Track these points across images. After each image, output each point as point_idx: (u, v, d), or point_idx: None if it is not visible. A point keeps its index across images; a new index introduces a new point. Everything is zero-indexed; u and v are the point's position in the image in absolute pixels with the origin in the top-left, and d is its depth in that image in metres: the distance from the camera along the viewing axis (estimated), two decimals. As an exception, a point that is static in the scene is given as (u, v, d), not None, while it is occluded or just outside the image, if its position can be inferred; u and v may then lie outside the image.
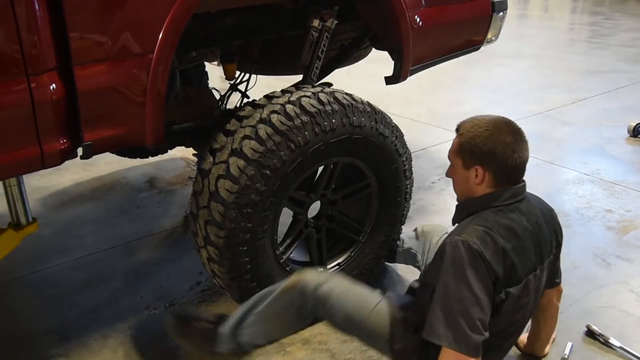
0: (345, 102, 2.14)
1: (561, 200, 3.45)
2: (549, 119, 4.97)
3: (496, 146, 1.65)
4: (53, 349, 2.29)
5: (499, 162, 1.66)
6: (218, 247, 2.01)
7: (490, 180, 1.69)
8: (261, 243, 2.08)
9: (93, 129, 1.80)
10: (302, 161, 2.04)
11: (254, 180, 1.95)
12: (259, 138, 1.97)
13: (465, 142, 1.71)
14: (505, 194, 1.68)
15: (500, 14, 3.03)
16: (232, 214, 1.96)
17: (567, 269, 2.73)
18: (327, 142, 2.08)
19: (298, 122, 2.00)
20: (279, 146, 1.97)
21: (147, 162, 4.05)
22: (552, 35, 9.54)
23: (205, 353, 2.06)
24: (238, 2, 2.30)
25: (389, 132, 2.29)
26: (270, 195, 2.00)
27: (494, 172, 1.68)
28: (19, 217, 2.21)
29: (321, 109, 2.06)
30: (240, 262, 2.05)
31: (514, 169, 1.67)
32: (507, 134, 1.66)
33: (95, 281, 2.73)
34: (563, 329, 2.32)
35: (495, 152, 1.65)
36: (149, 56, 1.81)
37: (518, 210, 1.68)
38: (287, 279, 1.97)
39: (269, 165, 1.96)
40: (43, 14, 1.61)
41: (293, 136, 1.99)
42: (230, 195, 1.95)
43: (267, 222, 2.06)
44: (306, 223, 2.33)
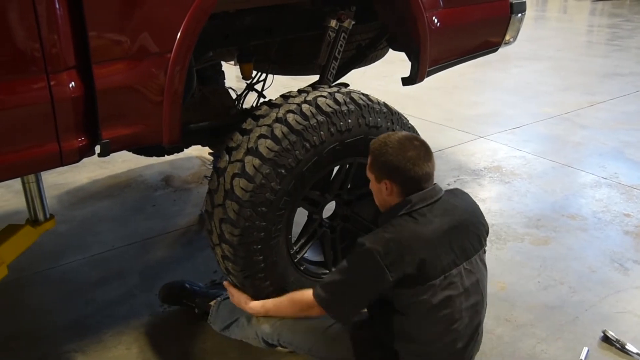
0: (362, 103, 2.14)
1: (578, 204, 3.42)
2: (566, 122, 4.93)
3: (399, 161, 1.81)
4: (68, 344, 2.31)
5: (403, 175, 1.82)
6: (232, 245, 2.01)
7: (398, 191, 1.85)
8: (275, 242, 2.07)
9: (111, 127, 1.81)
10: (317, 161, 2.04)
11: (269, 179, 1.95)
12: (275, 137, 1.97)
13: (375, 160, 1.89)
14: (413, 199, 1.82)
15: (519, 15, 3.00)
16: (246, 212, 1.96)
17: (584, 273, 2.72)
18: (342, 142, 2.08)
19: (314, 122, 2.01)
20: (295, 145, 1.97)
21: (163, 160, 4.08)
22: (571, 37, 9.45)
23: None
24: (256, 2, 2.30)
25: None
26: (285, 194, 2.00)
27: (400, 184, 1.84)
28: (37, 214, 2.23)
29: (337, 109, 2.06)
30: (254, 260, 2.05)
31: (418, 180, 1.83)
32: (409, 150, 1.82)
33: (111, 278, 2.75)
34: (579, 334, 2.31)
35: (398, 167, 1.82)
36: (167, 55, 1.81)
37: (429, 213, 1.81)
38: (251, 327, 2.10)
39: (284, 165, 1.96)
40: (63, 12, 1.63)
41: (308, 135, 1.99)
42: (245, 194, 1.95)
43: (281, 222, 2.06)
44: (321, 223, 2.33)
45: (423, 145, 1.86)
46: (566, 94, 5.80)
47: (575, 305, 2.50)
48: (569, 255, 2.88)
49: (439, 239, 1.77)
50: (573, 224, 3.18)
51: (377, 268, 1.71)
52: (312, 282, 2.22)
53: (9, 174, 1.76)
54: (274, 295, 2.10)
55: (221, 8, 2.09)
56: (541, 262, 2.81)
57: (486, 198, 3.50)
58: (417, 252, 1.72)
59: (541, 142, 4.46)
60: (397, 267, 1.70)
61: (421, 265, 1.72)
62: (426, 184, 1.85)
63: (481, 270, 1.90)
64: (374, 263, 1.71)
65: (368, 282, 1.76)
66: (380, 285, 1.73)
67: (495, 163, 4.03)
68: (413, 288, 1.73)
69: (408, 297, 1.75)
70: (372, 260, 1.71)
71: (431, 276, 1.74)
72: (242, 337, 2.16)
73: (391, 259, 1.70)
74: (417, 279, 1.72)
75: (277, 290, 2.14)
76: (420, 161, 1.82)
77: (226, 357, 2.22)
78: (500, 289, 2.60)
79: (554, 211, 3.33)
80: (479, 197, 3.49)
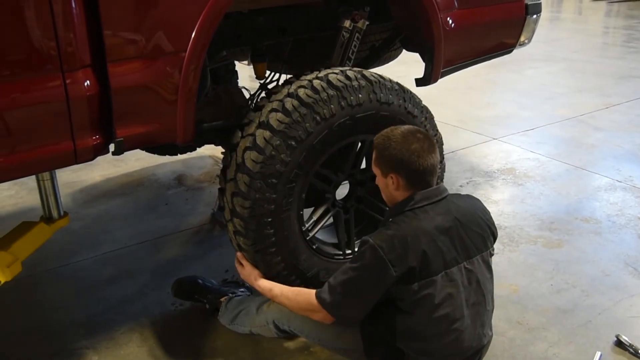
0: (373, 79, 2.17)
1: (592, 207, 3.39)
2: (580, 124, 4.89)
3: (403, 154, 1.83)
4: (80, 341, 2.32)
5: (407, 167, 1.84)
6: (243, 218, 2.03)
7: (404, 185, 1.86)
8: (286, 216, 2.08)
9: (125, 126, 1.82)
10: (328, 134, 2.06)
11: (280, 151, 1.99)
12: (285, 110, 2.01)
13: (380, 154, 1.90)
14: (417, 197, 1.85)
15: (534, 16, 2.98)
16: (257, 184, 1.99)
17: (597, 276, 2.69)
18: (353, 117, 2.10)
19: (324, 95, 2.04)
20: (305, 118, 2.01)
21: (175, 159, 4.09)
22: (586, 38, 9.38)
23: None
24: (270, 2, 2.31)
25: (419, 112, 2.32)
26: (295, 166, 2.03)
27: (405, 177, 1.85)
28: (51, 211, 2.25)
29: (348, 83, 2.10)
30: (265, 234, 2.06)
31: (422, 172, 1.84)
32: (412, 142, 1.84)
33: (123, 276, 2.76)
34: (592, 338, 2.29)
35: (402, 159, 1.83)
36: (182, 54, 1.82)
37: (432, 210, 1.83)
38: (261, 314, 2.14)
39: (294, 136, 2.00)
40: (79, 11, 1.64)
41: (319, 108, 2.03)
42: (255, 165, 1.98)
43: (292, 195, 2.07)
44: (334, 202, 2.33)
45: (426, 137, 1.88)
46: (581, 95, 5.76)
47: (588, 309, 2.48)
48: (582, 259, 2.86)
49: (441, 235, 1.79)
50: (587, 227, 3.16)
51: (382, 264, 1.72)
52: (324, 261, 2.26)
53: (24, 172, 1.78)
54: (285, 273, 2.15)
55: (235, 8, 2.09)
56: (554, 265, 2.79)
57: (499, 200, 3.48)
58: (419, 245, 1.74)
59: (555, 144, 4.43)
60: (400, 261, 1.72)
61: (423, 258, 1.74)
62: (430, 176, 1.86)
63: (483, 271, 1.90)
64: (378, 259, 1.73)
65: (373, 279, 1.77)
66: (385, 281, 1.74)
67: (508, 165, 4.00)
68: (416, 283, 1.75)
69: (411, 294, 1.76)
70: (376, 256, 1.73)
71: (433, 271, 1.76)
72: (250, 326, 2.18)
73: (395, 254, 1.72)
74: (419, 273, 1.74)
75: (289, 267, 2.15)
76: (424, 153, 1.83)
77: (237, 356, 2.22)
78: (512, 292, 2.58)
79: (568, 214, 3.31)
80: (492, 199, 3.47)
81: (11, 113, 1.62)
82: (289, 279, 2.16)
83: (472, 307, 1.86)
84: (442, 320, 1.79)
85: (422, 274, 1.75)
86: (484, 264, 1.90)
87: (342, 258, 2.34)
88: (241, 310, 2.24)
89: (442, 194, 1.89)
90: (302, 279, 2.20)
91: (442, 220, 1.82)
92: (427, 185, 1.87)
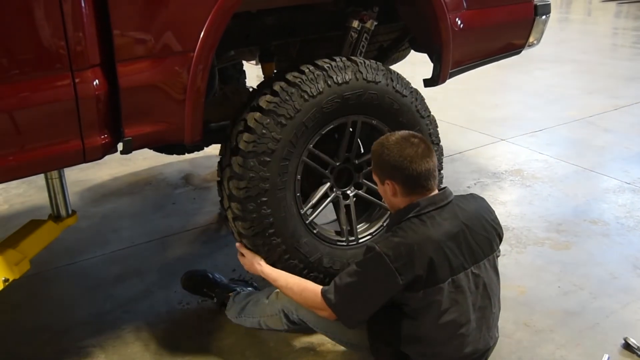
0: (358, 60, 2.24)
1: (600, 209, 3.37)
2: (589, 126, 4.87)
3: (396, 160, 1.82)
4: (87, 339, 2.33)
5: (402, 173, 1.82)
6: (240, 201, 2.06)
7: (401, 191, 1.85)
8: (282, 195, 2.12)
9: (133, 125, 1.83)
10: (316, 112, 2.12)
11: (270, 129, 2.04)
12: (274, 91, 2.08)
13: (376, 162, 1.91)
14: (422, 203, 1.83)
15: (543, 17, 2.97)
16: (250, 163, 2.03)
17: (605, 279, 2.68)
18: (341, 95, 2.16)
19: (310, 76, 2.11)
20: (292, 96, 2.07)
21: (183, 158, 4.10)
22: (595, 39, 9.34)
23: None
24: (278, 2, 2.31)
25: (408, 93, 2.34)
26: (287, 144, 2.08)
27: (402, 183, 1.84)
28: (60, 210, 2.26)
29: (333, 64, 2.18)
30: (262, 214, 2.09)
31: (417, 177, 1.82)
32: (406, 148, 1.82)
33: (130, 274, 2.77)
34: (599, 341, 2.28)
35: (396, 165, 1.82)
36: (190, 54, 1.83)
37: (438, 216, 1.81)
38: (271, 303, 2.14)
39: (283, 115, 2.06)
40: (88, 11, 1.65)
41: (305, 87, 2.09)
42: (247, 145, 2.03)
43: (286, 174, 2.11)
44: (332, 187, 2.34)
45: (422, 141, 1.86)
46: (590, 97, 5.73)
47: (595, 311, 2.47)
48: (590, 261, 2.84)
49: (448, 242, 1.77)
50: (595, 229, 3.14)
51: (388, 272, 1.72)
52: (326, 247, 2.28)
53: (33, 170, 1.79)
54: (287, 257, 2.16)
55: (244, 8, 2.10)
56: (561, 267, 2.78)
57: (507, 201, 3.47)
58: (426, 253, 1.73)
59: (564, 146, 4.41)
60: (407, 269, 1.71)
61: (430, 266, 1.72)
62: (427, 181, 1.84)
63: (490, 275, 1.89)
64: (385, 267, 1.72)
65: (378, 286, 1.76)
66: (391, 289, 1.74)
67: (516, 166, 3.99)
68: (422, 291, 1.74)
69: (417, 301, 1.76)
70: (382, 264, 1.72)
71: (440, 279, 1.75)
72: (260, 316, 2.16)
73: (401, 262, 1.71)
74: (426, 281, 1.73)
75: (290, 250, 2.17)
76: (418, 158, 1.81)
77: (243, 355, 2.23)
78: (519, 293, 2.57)
79: (576, 216, 3.29)
80: (499, 200, 3.46)
81: (21, 112, 1.63)
82: (292, 264, 2.18)
83: (478, 310, 1.85)
84: (447, 326, 1.78)
85: (429, 281, 1.74)
86: (490, 267, 1.90)
87: (345, 245, 2.35)
88: (249, 302, 2.23)
89: (448, 198, 1.87)
90: (305, 264, 2.21)
91: (449, 226, 1.81)
92: (425, 189, 1.85)
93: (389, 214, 2.44)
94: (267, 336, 2.31)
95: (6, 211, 3.46)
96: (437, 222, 1.80)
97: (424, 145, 1.85)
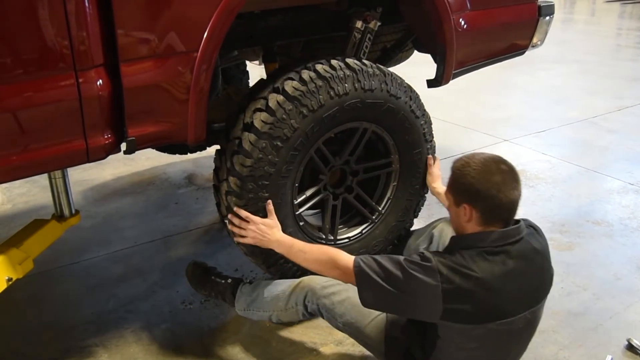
0: (386, 71, 2.26)
1: (604, 210, 3.37)
2: (593, 126, 4.86)
3: (482, 185, 1.66)
4: (90, 338, 2.34)
5: (485, 201, 1.66)
6: (241, 177, 2.06)
7: (478, 218, 1.69)
8: (283, 183, 2.12)
9: (137, 125, 1.83)
10: (337, 111, 2.13)
11: (290, 116, 2.04)
12: (302, 79, 2.08)
13: (455, 181, 1.75)
14: (493, 235, 1.67)
15: (547, 18, 2.97)
16: (262, 144, 2.03)
17: (609, 280, 2.68)
18: (363, 101, 2.17)
19: (340, 74, 2.13)
20: (319, 90, 2.08)
21: (186, 158, 4.11)
22: (598, 40, 9.32)
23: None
24: (281, 3, 2.31)
25: (420, 114, 2.37)
26: (301, 135, 2.08)
27: (481, 211, 1.68)
28: (63, 209, 2.26)
29: (363, 67, 2.19)
30: (259, 196, 2.09)
31: (500, 208, 1.67)
32: (494, 174, 1.66)
33: (133, 274, 2.78)
34: (602, 342, 2.27)
35: (480, 190, 1.66)
36: (194, 54, 1.83)
37: (505, 253, 1.66)
38: (298, 280, 2.12)
39: (306, 105, 2.06)
40: (92, 10, 1.65)
41: (334, 84, 2.10)
42: (264, 126, 2.03)
43: (293, 163, 2.12)
44: (325, 186, 2.35)
45: (511, 170, 1.69)
46: (593, 97, 5.72)
47: (599, 312, 2.46)
48: (594, 262, 2.84)
49: (508, 284, 1.64)
50: (598, 230, 3.14)
51: (434, 291, 1.60)
52: (307, 240, 2.26)
53: (36, 170, 1.79)
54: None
55: (247, 8, 2.10)
56: (565, 268, 2.77)
57: (510, 202, 3.46)
58: (481, 293, 1.60)
59: (567, 146, 4.41)
60: (453, 299, 1.60)
61: (482, 307, 1.61)
62: (509, 214, 1.69)
63: (541, 310, 1.78)
64: (433, 285, 1.60)
65: (415, 296, 1.64)
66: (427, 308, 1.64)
67: (519, 167, 3.98)
68: (467, 325, 1.64)
69: (457, 331, 1.66)
70: (432, 278, 1.60)
71: (490, 318, 1.63)
72: (272, 310, 2.13)
73: (452, 287, 1.60)
74: (473, 318, 1.62)
75: None
76: (506, 188, 1.65)
77: (246, 355, 2.23)
78: (522, 295, 2.57)
79: (579, 216, 3.29)
80: (503, 201, 3.45)
81: (24, 112, 1.63)
82: (271, 250, 2.15)
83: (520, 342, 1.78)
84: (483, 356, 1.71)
85: (475, 319, 1.63)
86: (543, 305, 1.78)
87: (324, 242, 2.36)
88: (259, 295, 2.18)
89: (520, 234, 1.70)
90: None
91: (513, 265, 1.65)
92: (504, 223, 1.69)
93: (369, 223, 2.48)
94: (269, 336, 2.31)
95: (9, 210, 3.46)
96: (503, 259, 1.65)
97: (512, 174, 1.69)
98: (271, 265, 2.24)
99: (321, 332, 2.33)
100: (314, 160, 2.23)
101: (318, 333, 2.32)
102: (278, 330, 2.35)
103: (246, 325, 2.38)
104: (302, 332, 2.34)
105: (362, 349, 2.19)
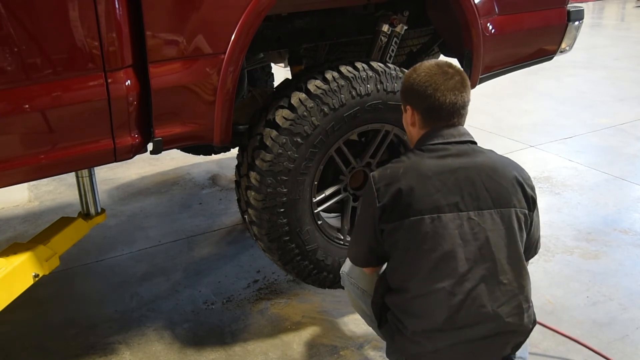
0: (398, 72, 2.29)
1: (631, 219, 3.31)
2: (621, 133, 4.78)
3: (420, 86, 1.66)
4: (113, 336, 2.36)
5: (424, 101, 1.66)
6: (260, 172, 2.10)
7: (420, 120, 1.71)
8: (302, 180, 2.15)
9: (164, 126, 1.85)
10: (358, 111, 2.17)
11: (311, 113, 2.08)
12: (325, 79, 2.14)
13: (403, 83, 1.76)
14: (432, 134, 1.67)
15: (576, 23, 2.93)
16: (282, 140, 2.07)
17: (635, 290, 2.63)
18: (385, 102, 2.21)
19: (363, 74, 2.17)
20: (341, 89, 2.12)
21: (210, 159, 4.13)
22: (628, 45, 9.17)
23: None
24: (309, 6, 2.31)
25: None
26: (321, 132, 2.12)
27: (422, 113, 1.69)
28: (89, 207, 2.29)
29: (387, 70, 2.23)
30: (277, 192, 2.12)
31: (440, 109, 1.65)
32: (435, 75, 1.66)
33: (156, 273, 2.80)
34: (628, 353, 2.23)
35: (418, 91, 1.67)
36: (221, 56, 1.84)
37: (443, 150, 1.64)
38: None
39: (328, 103, 2.10)
40: (122, 12, 1.67)
41: (356, 84, 2.15)
42: (285, 122, 2.08)
43: (312, 160, 2.15)
44: (345, 187, 2.37)
45: (457, 73, 1.67)
46: (622, 104, 5.63)
47: (625, 322, 2.42)
48: (620, 271, 2.79)
49: (441, 175, 1.59)
50: (625, 239, 3.08)
51: (371, 194, 1.63)
52: (324, 240, 2.31)
53: (64, 168, 1.82)
54: (287, 239, 2.20)
55: (275, 10, 2.11)
56: (590, 277, 2.73)
57: (535, 209, 3.42)
58: (408, 179, 1.59)
59: (594, 153, 4.34)
60: (385, 190, 1.60)
61: (409, 193, 1.57)
62: (451, 117, 1.66)
63: (498, 232, 1.61)
64: (369, 190, 1.64)
65: (365, 213, 1.69)
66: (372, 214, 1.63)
67: (545, 173, 3.93)
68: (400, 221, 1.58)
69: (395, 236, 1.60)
70: (369, 187, 1.65)
71: (420, 209, 1.57)
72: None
73: (383, 183, 1.61)
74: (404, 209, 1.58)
75: (291, 233, 2.21)
76: (446, 89, 1.63)
77: (267, 357, 2.23)
78: (547, 302, 2.54)
79: (606, 225, 3.23)
80: (528, 208, 3.41)
81: (55, 111, 1.66)
82: (288, 246, 2.22)
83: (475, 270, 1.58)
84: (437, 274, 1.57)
85: (408, 211, 1.57)
86: (502, 224, 1.62)
87: (342, 243, 2.38)
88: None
89: (462, 137, 1.68)
90: (300, 250, 2.26)
91: (450, 161, 1.62)
92: (446, 124, 1.68)
93: None
94: (291, 338, 2.31)
95: (37, 208, 3.52)
96: (438, 154, 1.63)
97: (458, 78, 1.66)
98: (287, 263, 2.27)
99: (342, 335, 2.32)
100: (335, 159, 2.24)
101: (339, 336, 2.32)
102: (299, 332, 2.35)
103: (268, 327, 2.39)
104: (323, 335, 2.34)
105: (382, 354, 2.18)
